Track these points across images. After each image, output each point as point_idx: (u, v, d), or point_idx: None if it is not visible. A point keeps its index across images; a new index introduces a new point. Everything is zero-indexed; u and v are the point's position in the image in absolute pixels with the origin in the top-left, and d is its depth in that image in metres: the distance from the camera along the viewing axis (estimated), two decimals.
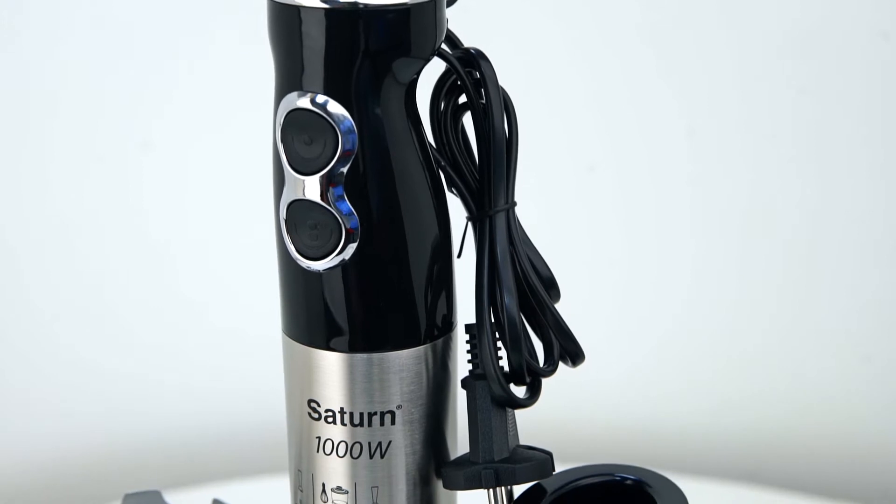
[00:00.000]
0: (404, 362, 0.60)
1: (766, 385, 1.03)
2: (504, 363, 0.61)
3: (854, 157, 0.98)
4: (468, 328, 0.62)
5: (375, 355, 0.60)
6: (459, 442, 0.64)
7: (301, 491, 0.63)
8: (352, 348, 0.60)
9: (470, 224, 0.62)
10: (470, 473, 0.61)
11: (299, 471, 0.63)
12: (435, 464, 0.63)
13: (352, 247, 0.58)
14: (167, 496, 0.71)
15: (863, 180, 0.98)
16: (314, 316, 0.60)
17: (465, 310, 0.62)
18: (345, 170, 0.57)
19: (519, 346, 0.60)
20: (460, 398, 0.63)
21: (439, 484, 0.63)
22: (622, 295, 1.04)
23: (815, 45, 0.95)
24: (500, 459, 0.61)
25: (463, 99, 0.62)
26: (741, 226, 1.00)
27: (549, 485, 0.63)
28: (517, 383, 0.61)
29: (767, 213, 1.00)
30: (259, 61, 0.64)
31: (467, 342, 0.62)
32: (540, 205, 0.93)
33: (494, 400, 0.61)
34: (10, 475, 1.06)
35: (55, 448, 1.06)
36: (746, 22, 0.97)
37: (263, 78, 0.61)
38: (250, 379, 1.04)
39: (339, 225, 0.58)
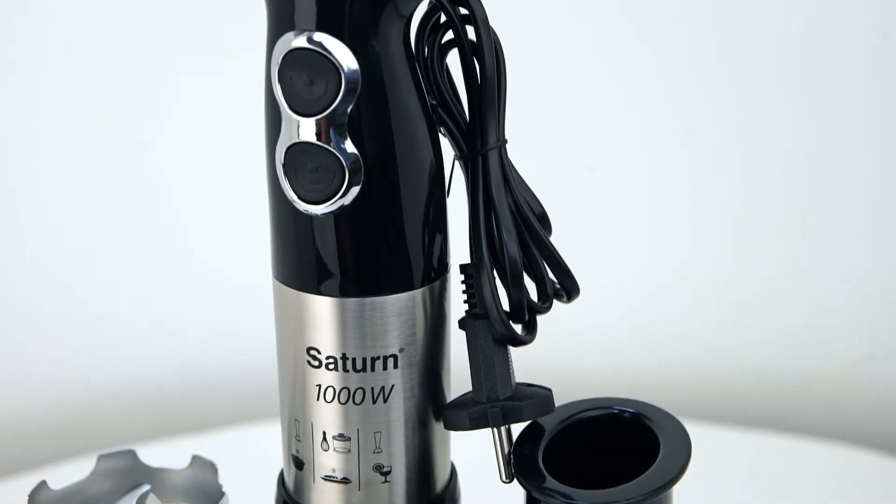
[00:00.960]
0: (405, 305, 0.60)
1: (765, 328, 1.04)
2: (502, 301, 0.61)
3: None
4: (464, 268, 0.61)
5: (377, 299, 0.59)
6: (454, 384, 0.64)
7: (299, 441, 0.62)
8: (353, 293, 0.59)
9: (458, 164, 0.61)
10: (476, 413, 0.60)
11: (296, 420, 0.62)
12: (433, 406, 0.62)
13: (354, 189, 0.57)
14: (144, 450, 0.69)
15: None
16: (315, 262, 0.59)
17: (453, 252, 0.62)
18: (348, 109, 0.56)
19: (520, 283, 0.60)
20: (453, 340, 0.63)
21: (437, 426, 0.63)
22: (623, 240, 1.04)
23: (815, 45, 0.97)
24: (504, 398, 0.60)
25: (448, 37, 0.61)
26: (742, 170, 1.01)
27: (547, 421, 0.63)
28: (516, 321, 0.61)
29: (769, 159, 1.00)
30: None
31: (462, 282, 0.62)
32: (540, 146, 0.93)
33: (495, 338, 0.61)
34: None
35: (27, 397, 1.04)
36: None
37: (251, 20, 0.60)
38: (232, 328, 1.04)
39: (342, 167, 0.57)
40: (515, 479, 0.61)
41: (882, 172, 0.98)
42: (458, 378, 0.64)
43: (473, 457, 0.66)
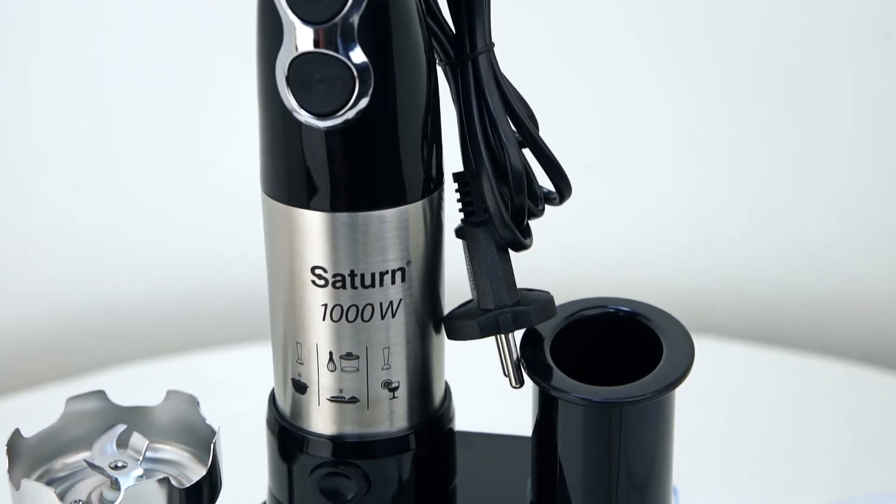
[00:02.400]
0: (412, 216, 0.58)
1: (769, 241, 1.05)
2: None
3: None
4: (458, 176, 0.61)
5: (386, 212, 0.58)
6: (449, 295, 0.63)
7: (300, 364, 0.60)
8: (363, 206, 0.57)
9: (448, 70, 0.60)
10: (486, 321, 0.60)
11: (298, 343, 0.60)
12: (434, 319, 0.61)
13: (364, 100, 0.55)
14: (112, 375, 0.66)
15: None
16: (325, 178, 0.57)
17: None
18: (357, 16, 0.54)
19: (522, 187, 0.60)
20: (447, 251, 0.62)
21: (437, 339, 0.62)
22: (621, 149, 1.03)
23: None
24: (512, 303, 0.60)
25: None
26: (749, 78, 1.01)
27: (543, 325, 0.63)
28: (516, 225, 0.61)
29: (772, 70, 1.01)
30: None
31: (457, 191, 0.61)
32: (539, 47, 0.93)
33: (498, 245, 0.60)
34: None
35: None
36: None
37: None
38: (203, 249, 1.03)
39: (353, 77, 0.55)
40: (529, 381, 0.61)
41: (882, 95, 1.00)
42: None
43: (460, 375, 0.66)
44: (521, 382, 0.61)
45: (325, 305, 0.59)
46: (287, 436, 0.62)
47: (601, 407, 0.59)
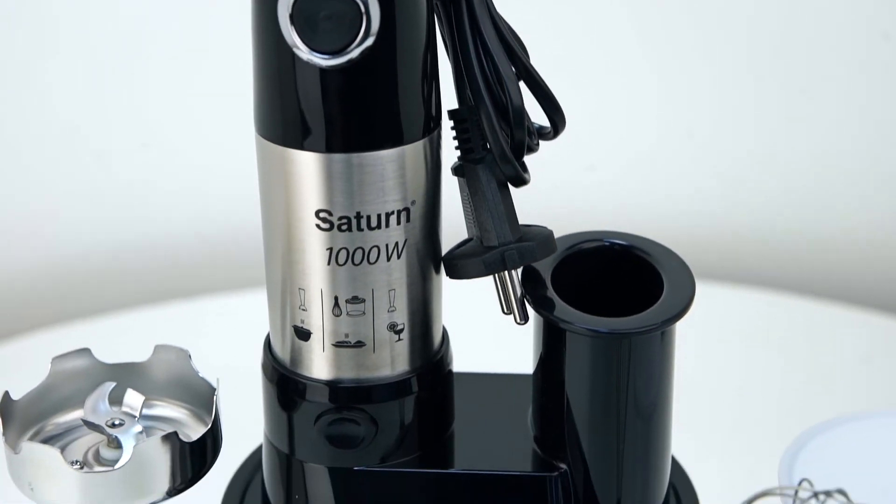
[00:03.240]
0: (416, 155, 0.58)
1: (764, 184, 1.05)
2: None
3: None
4: (454, 113, 0.60)
5: (392, 151, 0.57)
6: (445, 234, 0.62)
7: (304, 310, 0.59)
8: (370, 146, 0.56)
9: (440, 6, 0.59)
10: (491, 258, 0.59)
11: (301, 289, 0.59)
12: (434, 259, 0.61)
13: (370, 39, 0.54)
14: (96, 340, 0.64)
15: None
16: (331, 119, 0.56)
17: None
18: None
19: (522, 122, 0.59)
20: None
21: (437, 279, 0.61)
22: (622, 88, 1.02)
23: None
24: (515, 240, 0.59)
25: None
26: (747, 20, 1.00)
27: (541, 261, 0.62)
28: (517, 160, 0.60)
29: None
30: None
31: (453, 128, 0.60)
32: None
33: (499, 181, 0.59)
34: None
35: None
36: None
37: None
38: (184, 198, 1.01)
39: (360, 14, 0.54)
40: (536, 315, 0.61)
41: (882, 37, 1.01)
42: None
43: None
44: (525, 318, 0.61)
45: (331, 249, 0.58)
46: (287, 384, 0.61)
47: (612, 338, 0.59)
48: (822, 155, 1.05)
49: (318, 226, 0.57)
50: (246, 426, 0.67)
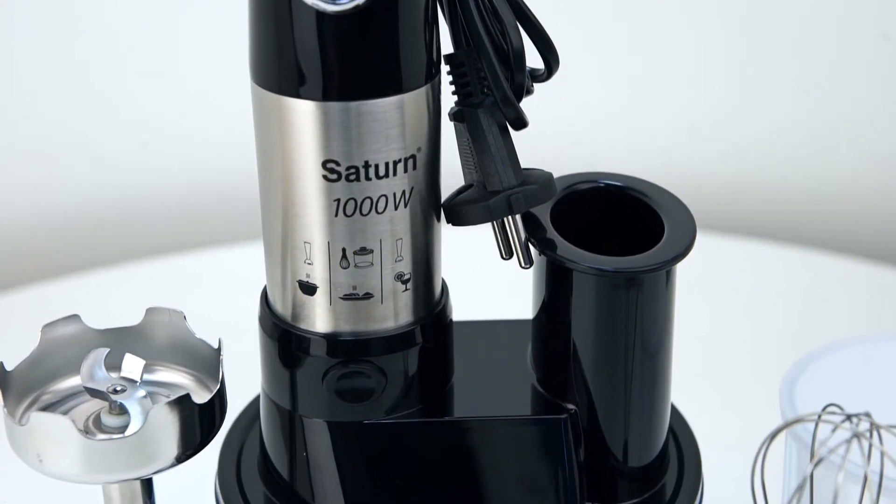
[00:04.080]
0: (420, 101, 0.57)
1: (762, 134, 1.04)
2: None
3: None
4: (451, 57, 0.59)
5: (400, 98, 0.56)
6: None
7: (309, 264, 0.58)
8: (378, 93, 0.55)
9: None
10: (497, 203, 0.58)
11: (306, 243, 0.58)
12: (436, 207, 0.60)
13: None
14: (85, 305, 0.62)
15: None
16: (338, 66, 0.54)
17: None
18: None
19: (523, 65, 0.58)
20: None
21: (438, 227, 0.60)
22: (622, 33, 1.01)
23: None
24: (518, 184, 0.59)
25: None
26: None
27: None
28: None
29: None
30: None
31: (450, 73, 0.59)
32: None
33: (499, 124, 0.59)
34: None
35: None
36: None
37: None
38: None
39: None
40: (538, 259, 0.60)
41: None
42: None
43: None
44: (530, 262, 0.60)
45: (338, 201, 0.57)
46: (290, 339, 0.60)
47: (622, 276, 0.59)
48: (815, 103, 1.06)
49: (325, 177, 0.56)
50: (237, 381, 0.65)
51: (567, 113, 1.03)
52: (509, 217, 0.59)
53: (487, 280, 0.65)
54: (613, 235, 0.62)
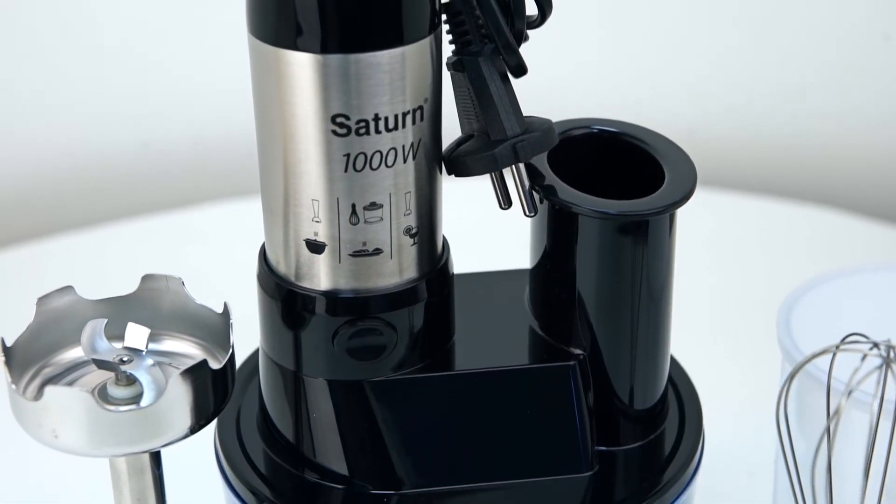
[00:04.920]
0: (426, 52, 0.56)
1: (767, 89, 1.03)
2: None
3: None
4: (449, 6, 0.58)
5: (410, 48, 0.55)
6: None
7: (317, 222, 0.57)
8: (388, 44, 0.54)
9: None
10: (503, 151, 0.58)
11: (314, 200, 0.57)
12: (438, 158, 0.59)
13: None
14: (83, 288, 0.60)
15: None
16: (347, 18, 0.53)
17: None
18: None
19: (522, 11, 0.58)
20: None
21: (440, 179, 0.60)
22: None
23: None
24: (522, 131, 0.59)
25: None
26: None
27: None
28: None
29: None
30: None
31: (447, 22, 0.58)
32: None
33: (500, 72, 0.58)
34: None
35: None
36: None
37: None
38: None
39: None
40: (543, 203, 0.60)
41: None
42: None
43: None
44: (535, 210, 0.60)
45: (348, 155, 0.56)
46: (295, 299, 0.59)
47: (629, 219, 0.59)
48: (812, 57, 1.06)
49: (334, 132, 0.55)
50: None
51: (556, 60, 1.03)
52: (513, 166, 0.59)
53: (476, 233, 0.65)
54: (610, 182, 0.62)
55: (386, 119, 0.55)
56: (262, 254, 0.61)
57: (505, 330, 0.64)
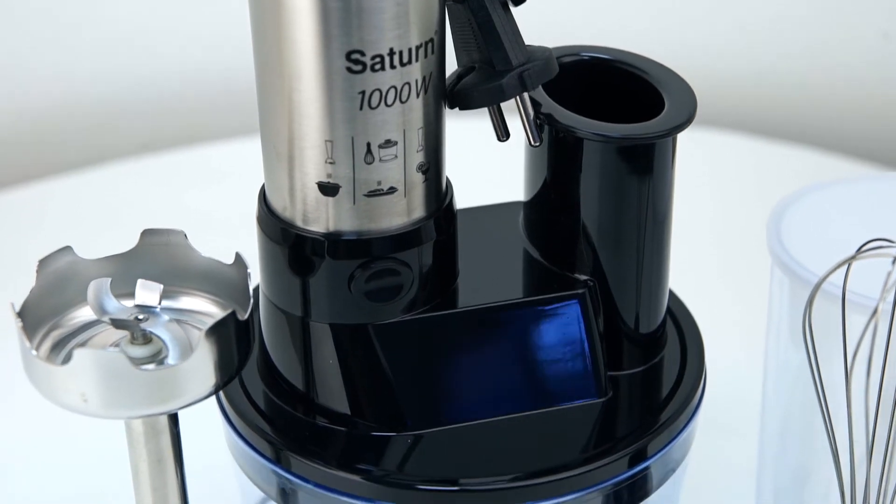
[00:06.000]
0: None
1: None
2: None
3: None
4: None
5: None
6: None
7: (331, 163, 0.56)
8: None
9: None
10: (510, 81, 0.57)
11: (328, 141, 0.55)
12: (443, 92, 0.58)
13: None
14: (81, 249, 0.58)
15: None
16: None
17: None
18: None
19: None
20: None
21: (443, 112, 0.59)
22: None
23: None
24: (526, 60, 0.58)
25: None
26: None
27: None
28: None
29: None
30: None
31: None
32: None
33: (501, 2, 0.58)
34: None
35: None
36: None
37: None
38: None
39: None
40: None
41: None
42: None
43: None
44: (540, 141, 0.59)
45: (363, 93, 0.54)
46: (305, 244, 0.57)
47: (636, 142, 0.58)
48: None
49: (349, 69, 0.54)
50: None
51: None
52: (518, 96, 0.58)
53: (460, 168, 0.64)
54: (604, 112, 0.62)
55: (401, 53, 0.54)
56: (263, 198, 0.59)
57: (506, 262, 0.63)
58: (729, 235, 0.95)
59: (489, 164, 0.73)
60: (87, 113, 1.04)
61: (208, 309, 0.58)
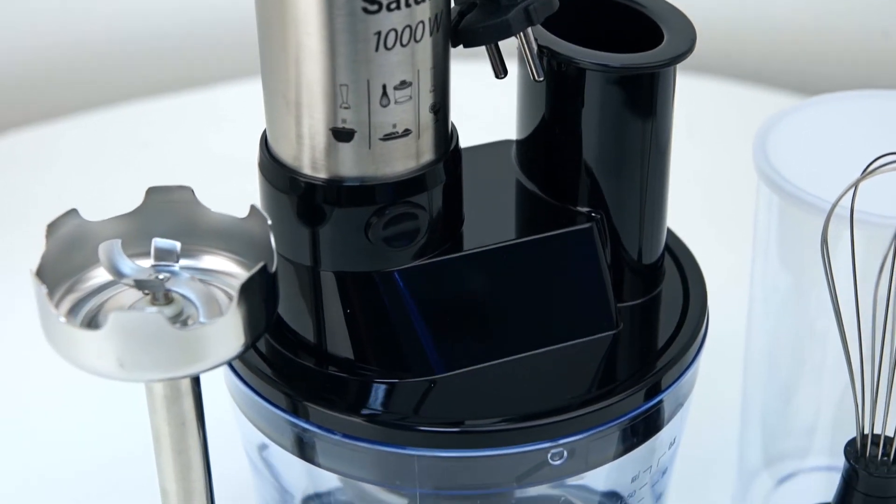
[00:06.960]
0: None
1: None
2: None
3: None
4: None
5: None
6: None
7: (346, 108, 0.55)
8: None
9: None
10: (516, 16, 0.56)
11: (343, 85, 0.54)
12: (449, 30, 0.57)
13: None
14: (84, 217, 0.56)
15: None
16: None
17: None
18: None
19: None
20: None
21: (449, 52, 0.58)
22: None
23: None
24: None
25: None
26: None
27: None
28: None
29: None
30: None
31: None
32: None
33: None
34: None
35: None
36: None
37: None
38: None
39: None
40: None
41: None
42: None
43: None
44: (543, 74, 0.59)
45: (379, 33, 0.53)
46: (315, 192, 0.56)
47: (637, 71, 0.58)
48: None
49: (364, 9, 0.53)
50: None
51: None
52: (521, 32, 0.58)
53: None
54: (604, 45, 0.62)
55: None
56: (265, 145, 0.58)
57: (507, 201, 0.63)
58: (714, 167, 0.96)
59: (472, 105, 0.72)
60: (95, 53, 1.02)
61: (225, 265, 0.56)
